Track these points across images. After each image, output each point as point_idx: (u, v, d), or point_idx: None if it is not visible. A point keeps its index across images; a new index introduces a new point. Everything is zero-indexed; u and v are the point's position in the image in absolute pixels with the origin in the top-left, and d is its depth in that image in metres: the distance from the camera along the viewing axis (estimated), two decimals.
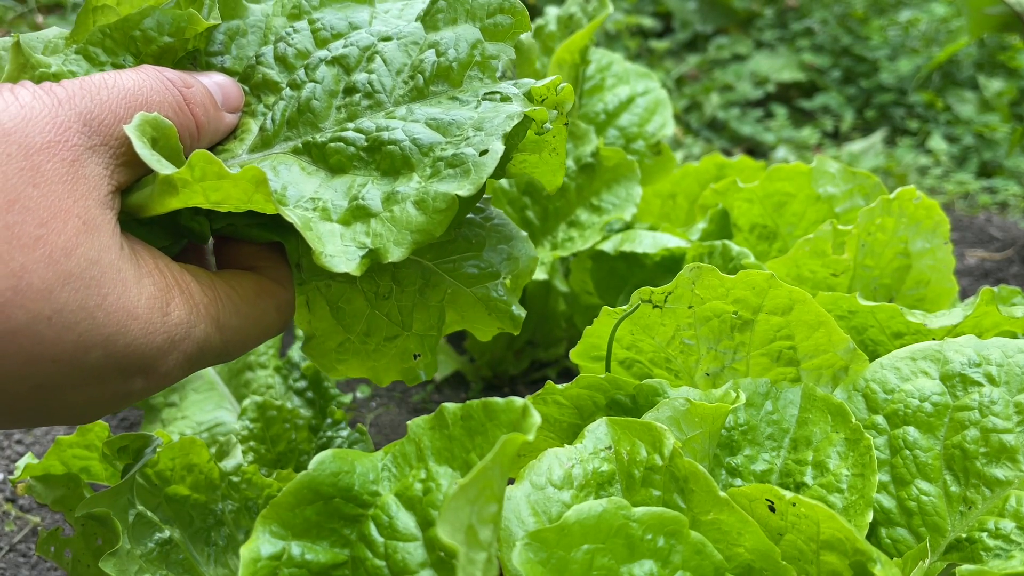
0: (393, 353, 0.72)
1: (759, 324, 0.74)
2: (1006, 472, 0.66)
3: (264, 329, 0.64)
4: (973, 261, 1.96)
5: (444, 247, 0.70)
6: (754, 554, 0.55)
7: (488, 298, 0.70)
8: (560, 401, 0.73)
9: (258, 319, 0.62)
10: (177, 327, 0.54)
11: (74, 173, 0.50)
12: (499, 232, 0.72)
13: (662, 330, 0.77)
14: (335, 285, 0.71)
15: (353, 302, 0.71)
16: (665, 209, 1.45)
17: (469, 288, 0.70)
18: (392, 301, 0.71)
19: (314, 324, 0.72)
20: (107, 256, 0.50)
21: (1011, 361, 0.69)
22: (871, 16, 3.45)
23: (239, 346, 0.61)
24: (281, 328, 0.66)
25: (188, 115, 0.60)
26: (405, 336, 0.71)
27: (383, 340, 0.72)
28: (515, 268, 0.70)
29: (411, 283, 0.70)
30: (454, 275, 0.70)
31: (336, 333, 0.72)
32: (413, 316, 0.71)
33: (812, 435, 0.67)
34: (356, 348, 0.72)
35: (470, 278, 0.70)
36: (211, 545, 0.79)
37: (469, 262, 0.70)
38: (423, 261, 0.70)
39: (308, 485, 0.55)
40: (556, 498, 0.57)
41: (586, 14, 1.28)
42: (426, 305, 0.71)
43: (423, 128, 0.61)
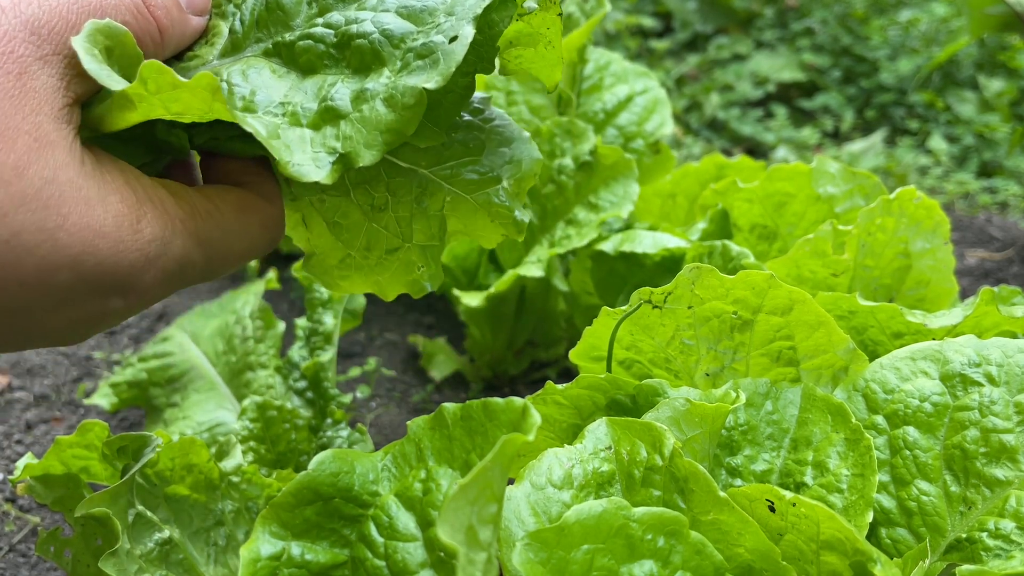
0: (396, 266, 0.70)
1: (759, 324, 0.74)
2: (1006, 472, 0.66)
3: (250, 245, 0.61)
4: (973, 261, 1.96)
5: (440, 152, 0.67)
6: (754, 554, 0.55)
7: (490, 204, 0.67)
8: (560, 401, 0.73)
9: (242, 234, 0.60)
10: (151, 243, 0.52)
11: (22, 87, 0.47)
12: (499, 134, 0.69)
13: (662, 330, 0.76)
14: (328, 199, 0.68)
15: (349, 216, 0.68)
16: (665, 209, 1.45)
17: (469, 195, 0.67)
18: (389, 212, 0.68)
19: (313, 242, 0.69)
20: (64, 174, 0.48)
21: (1011, 361, 0.69)
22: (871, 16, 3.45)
23: (222, 262, 0.59)
24: (268, 245, 0.64)
25: (148, 18, 0.56)
26: (407, 248, 0.69)
27: (384, 253, 0.69)
28: (517, 172, 0.68)
29: (407, 192, 0.68)
30: (452, 182, 0.67)
31: (336, 249, 0.69)
32: (412, 227, 0.68)
33: (812, 435, 0.67)
34: (358, 263, 0.70)
35: (469, 184, 0.67)
36: (211, 545, 0.79)
37: (467, 168, 0.67)
38: (418, 169, 0.67)
39: (308, 485, 0.55)
40: (556, 498, 0.57)
41: (584, 13, 1.29)
42: (425, 214, 0.68)
43: (393, 17, 0.58)
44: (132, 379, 1.20)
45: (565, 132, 1.26)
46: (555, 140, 1.27)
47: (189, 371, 1.19)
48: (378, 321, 1.63)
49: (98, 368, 1.48)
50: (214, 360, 1.19)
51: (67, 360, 1.50)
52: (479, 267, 1.40)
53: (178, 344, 1.22)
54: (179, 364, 1.20)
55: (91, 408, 1.36)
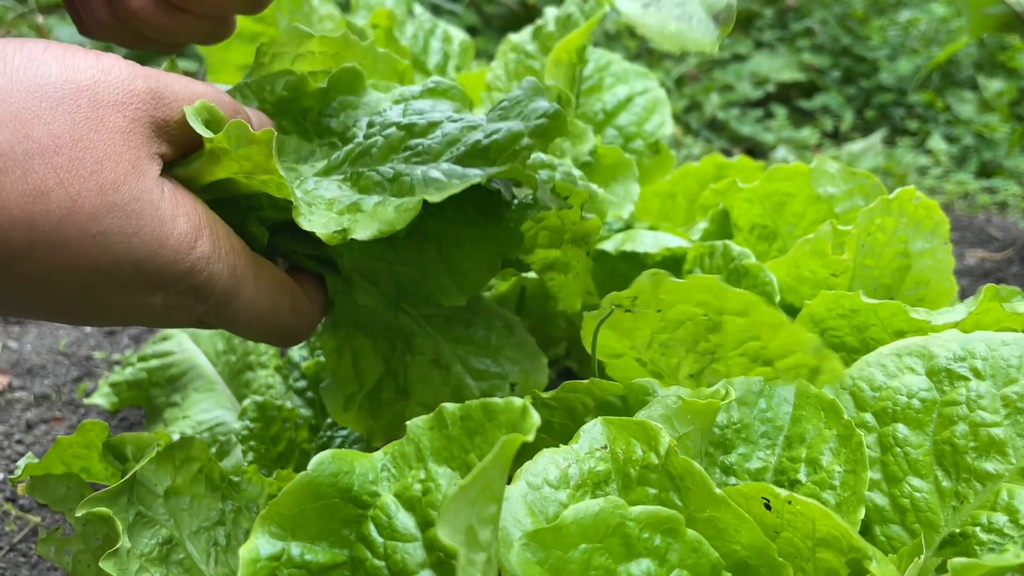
0: (390, 417, 0.78)
1: (727, 325, 0.74)
2: (996, 466, 0.66)
3: (276, 313, 0.70)
4: (973, 261, 1.97)
5: (463, 335, 0.77)
6: (751, 551, 0.55)
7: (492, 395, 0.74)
8: (550, 404, 0.73)
9: (272, 299, 0.69)
10: (199, 259, 0.63)
11: (132, 129, 0.61)
12: (519, 347, 0.79)
13: (639, 333, 0.77)
14: (360, 337, 0.78)
15: (372, 358, 0.78)
16: (665, 209, 1.45)
17: (475, 381, 0.76)
18: (402, 367, 0.77)
19: (336, 369, 0.79)
20: (148, 196, 0.60)
21: (995, 354, 0.69)
22: (871, 16, 3.45)
23: (245, 307, 0.68)
24: (290, 330, 0.72)
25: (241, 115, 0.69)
26: (403, 404, 0.77)
27: (385, 402, 0.78)
28: (525, 380, 0.76)
29: (423, 354, 0.77)
30: (465, 365, 0.77)
31: (351, 383, 0.79)
32: (416, 387, 0.77)
33: (806, 432, 0.67)
34: (362, 403, 0.78)
35: (479, 373, 0.77)
36: (211, 544, 0.79)
37: (482, 359, 0.77)
38: (440, 339, 0.77)
39: (307, 485, 0.55)
40: (553, 498, 0.58)
41: (584, 14, 1.29)
42: (431, 381, 0.76)
43: (437, 172, 0.69)
44: (132, 379, 1.20)
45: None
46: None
47: (189, 371, 1.19)
48: None
49: (98, 368, 1.48)
50: (214, 359, 1.19)
51: (67, 360, 1.50)
52: None
53: (178, 343, 1.23)
54: (179, 364, 1.20)
55: (91, 408, 1.37)
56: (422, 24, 1.64)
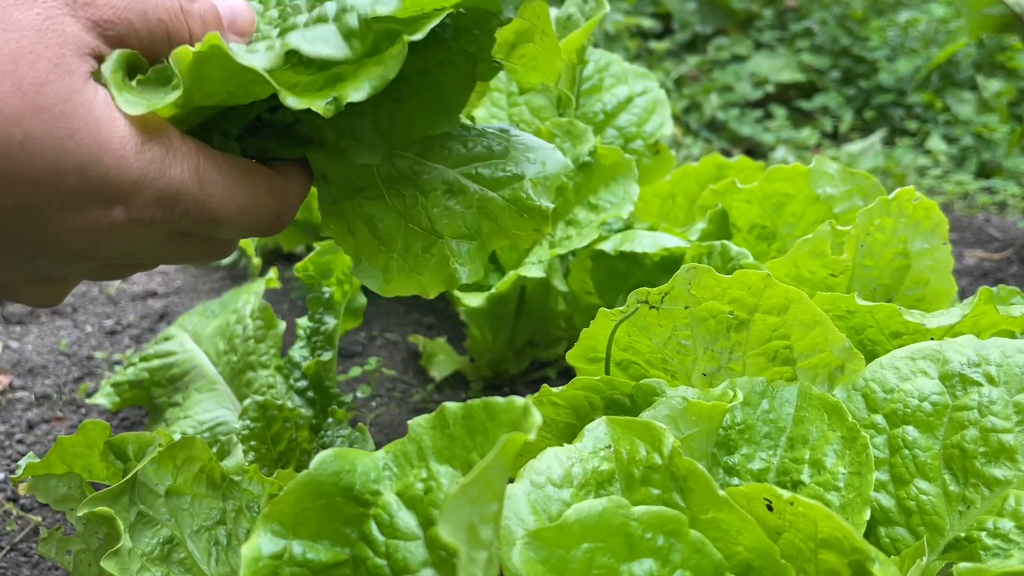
0: (433, 263, 0.74)
1: (755, 324, 0.74)
2: (1005, 472, 0.66)
3: (255, 202, 0.65)
4: (972, 261, 1.97)
5: (464, 154, 0.73)
6: (753, 553, 0.55)
7: (517, 199, 0.72)
8: (556, 402, 0.73)
9: (246, 188, 0.65)
10: (151, 163, 0.58)
11: (47, 26, 0.55)
12: (524, 143, 0.74)
13: (659, 331, 0.77)
14: (367, 203, 0.74)
15: (387, 219, 0.74)
16: (664, 209, 1.45)
17: (496, 192, 0.72)
18: (420, 210, 0.73)
19: (359, 248, 0.75)
20: (79, 97, 0.55)
21: (1010, 361, 0.70)
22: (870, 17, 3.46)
23: (221, 206, 0.63)
24: (273, 215, 0.68)
25: (183, 25, 0.62)
26: (440, 244, 0.73)
27: (421, 251, 0.74)
28: (543, 170, 0.72)
29: (435, 190, 0.73)
30: (478, 180, 0.73)
31: (379, 253, 0.75)
32: (443, 222, 0.73)
33: (809, 434, 0.67)
34: (399, 265, 0.75)
35: (495, 182, 0.72)
36: (212, 544, 0.79)
37: (492, 168, 0.73)
38: (444, 167, 0.73)
39: (309, 484, 0.55)
40: (556, 497, 0.58)
41: (584, 14, 1.29)
42: (453, 211, 0.73)
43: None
44: (133, 379, 1.21)
45: (565, 133, 1.26)
46: (555, 141, 1.27)
47: (190, 371, 1.19)
48: (379, 321, 1.63)
49: (99, 368, 1.48)
50: (215, 359, 1.19)
51: (68, 360, 1.50)
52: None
53: (179, 343, 1.23)
54: (180, 363, 1.20)
55: (92, 408, 1.37)
56: None
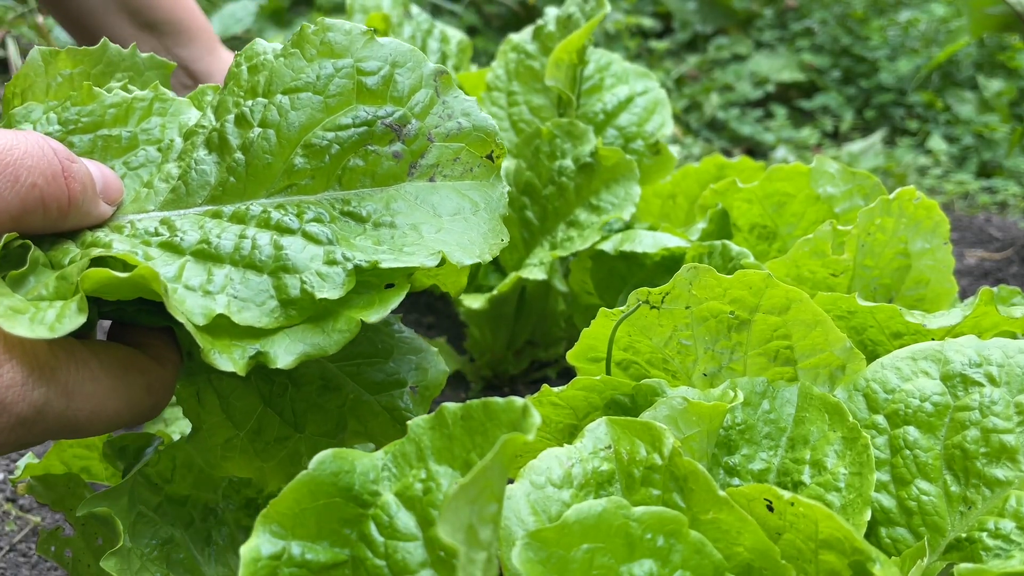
0: (283, 455, 0.70)
1: (756, 324, 0.74)
2: (1006, 472, 0.66)
3: (129, 404, 0.60)
4: (973, 261, 1.97)
5: (348, 351, 0.67)
6: (753, 553, 0.55)
7: (394, 407, 0.68)
8: (556, 402, 0.73)
9: (121, 392, 0.60)
10: (10, 388, 0.53)
11: None
12: (407, 343, 0.71)
13: (660, 331, 0.77)
14: (227, 379, 0.69)
15: (245, 398, 0.69)
16: (665, 209, 1.45)
17: (374, 395, 0.69)
18: (287, 400, 0.69)
19: (203, 417, 0.70)
20: None
21: (1012, 361, 0.69)
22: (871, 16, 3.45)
23: (92, 417, 0.58)
24: (151, 409, 0.63)
25: (62, 187, 0.59)
26: (296, 438, 0.69)
27: (273, 440, 0.70)
28: (423, 379, 0.69)
29: (310, 383, 0.69)
30: (358, 380, 0.69)
31: (224, 428, 0.70)
32: (308, 418, 0.69)
33: (809, 434, 0.67)
34: (244, 446, 0.70)
35: (375, 385, 0.69)
36: (212, 544, 0.79)
37: (375, 368, 0.69)
38: (325, 362, 0.69)
39: (308, 485, 0.55)
40: (556, 497, 0.58)
41: (584, 14, 1.29)
42: (324, 408, 0.69)
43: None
44: None
45: (565, 133, 1.26)
46: (555, 141, 1.27)
47: None
48: None
49: None
50: None
51: None
52: (479, 268, 1.40)
53: None
54: None
55: None
56: (419, 25, 1.64)
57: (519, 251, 1.34)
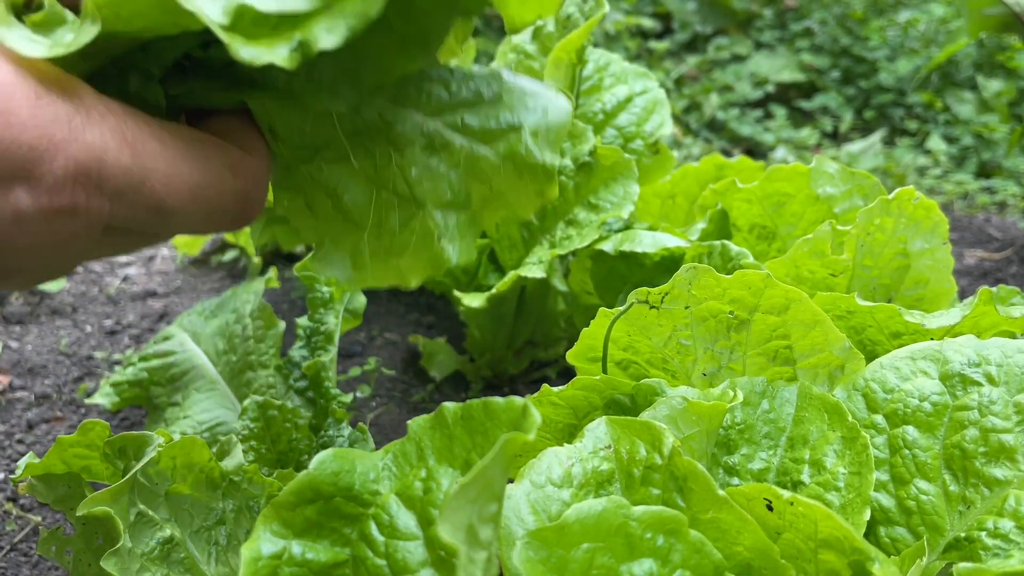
0: (414, 240, 0.60)
1: (755, 324, 0.74)
2: (1005, 472, 0.66)
3: (210, 180, 0.51)
4: (972, 261, 1.97)
5: (446, 99, 0.59)
6: (753, 553, 0.55)
7: (514, 155, 0.58)
8: (556, 402, 0.73)
9: (196, 162, 0.50)
10: (55, 122, 0.44)
11: None
12: (521, 88, 0.60)
13: (659, 331, 0.77)
14: (327, 167, 0.60)
15: (355, 186, 0.60)
16: (664, 209, 1.45)
17: (488, 146, 0.59)
18: (395, 170, 0.59)
19: (320, 228, 0.61)
20: None
21: (1010, 361, 0.69)
22: (870, 17, 3.46)
23: (168, 182, 0.49)
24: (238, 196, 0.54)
25: None
26: (422, 215, 0.59)
27: (398, 227, 0.60)
28: (543, 119, 0.59)
29: (411, 144, 0.59)
30: (464, 132, 0.59)
31: (347, 233, 0.61)
32: (424, 187, 0.59)
33: (809, 434, 0.67)
34: (373, 246, 0.61)
35: (485, 133, 0.59)
36: (212, 544, 0.79)
37: (482, 116, 0.59)
38: (421, 114, 0.59)
39: (309, 484, 0.55)
40: (556, 497, 0.58)
41: (583, 14, 1.29)
42: (437, 172, 0.59)
43: None
44: (133, 378, 1.20)
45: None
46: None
47: (190, 370, 1.19)
48: (378, 321, 1.63)
49: (99, 368, 1.48)
50: (215, 359, 1.19)
51: (68, 360, 1.50)
52: (479, 267, 1.40)
53: (179, 343, 1.23)
54: (180, 363, 1.20)
55: (92, 407, 1.37)
56: None
57: (519, 250, 1.34)
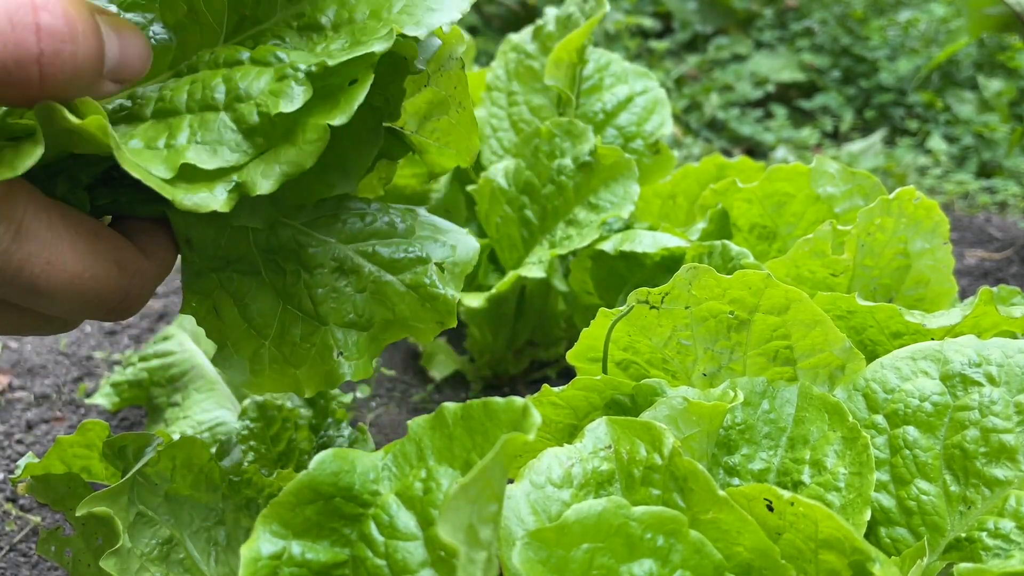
0: (312, 355, 0.64)
1: (756, 324, 0.74)
2: (1006, 472, 0.66)
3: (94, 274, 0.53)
4: (973, 261, 1.97)
5: (363, 230, 0.63)
6: (753, 553, 0.55)
7: (419, 284, 0.62)
8: (556, 403, 0.73)
9: (84, 255, 0.52)
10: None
11: None
12: (433, 225, 0.65)
13: (659, 331, 0.77)
14: (238, 278, 0.63)
15: (261, 298, 0.64)
16: (665, 209, 1.45)
17: (395, 275, 0.63)
18: (302, 289, 0.63)
19: (224, 331, 0.65)
20: None
21: (1011, 361, 0.69)
22: (871, 16, 3.46)
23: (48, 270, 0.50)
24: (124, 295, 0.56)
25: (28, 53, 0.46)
26: (323, 331, 0.63)
27: (299, 340, 0.64)
28: (451, 255, 0.63)
29: (322, 266, 0.63)
30: (375, 259, 0.63)
31: (249, 339, 0.65)
32: (328, 307, 0.63)
33: (809, 434, 0.67)
34: (272, 355, 0.65)
35: (394, 264, 0.63)
36: (212, 544, 0.79)
37: (392, 247, 0.63)
38: (335, 242, 0.63)
39: (308, 484, 0.55)
40: (556, 497, 0.58)
41: (584, 14, 1.29)
42: (343, 294, 0.63)
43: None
44: (133, 378, 1.20)
45: (564, 132, 1.26)
46: (554, 140, 1.27)
47: (190, 370, 1.19)
48: None
49: (99, 368, 1.48)
50: None
51: (68, 360, 1.50)
52: (479, 267, 1.40)
53: (179, 343, 1.23)
54: (180, 363, 1.20)
55: (92, 408, 1.37)
56: None
57: (519, 250, 1.34)
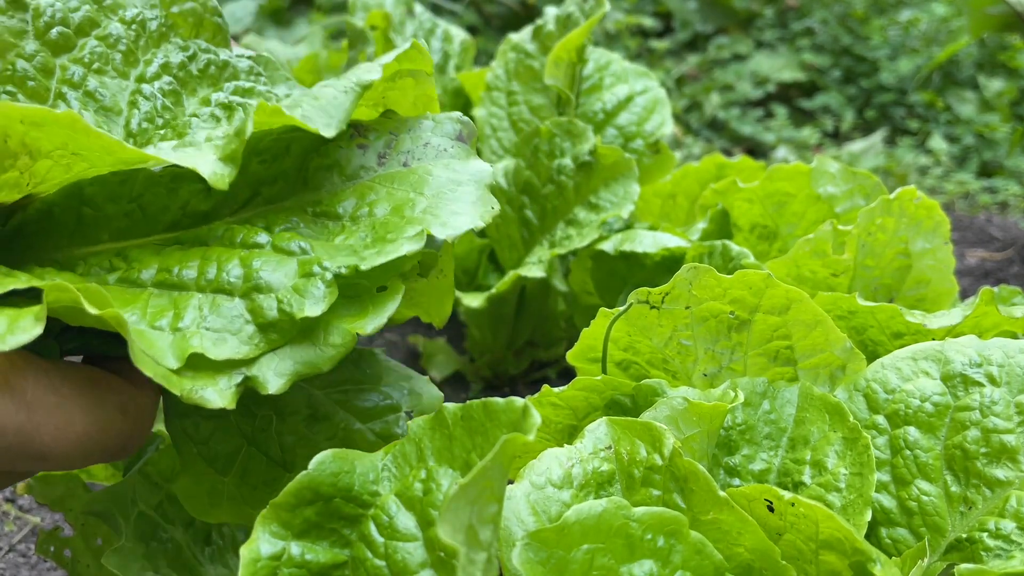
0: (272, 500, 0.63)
1: (756, 324, 0.74)
2: (1007, 472, 0.66)
3: (101, 426, 0.52)
4: (973, 261, 1.97)
5: (336, 377, 0.63)
6: (754, 554, 0.55)
7: (389, 434, 0.63)
8: (556, 403, 0.73)
9: (89, 409, 0.52)
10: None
11: None
12: (397, 371, 0.66)
13: (660, 331, 0.77)
14: (203, 423, 0.63)
15: (227, 441, 0.63)
16: (665, 209, 1.45)
17: (365, 424, 0.63)
18: (272, 435, 0.63)
19: (186, 464, 0.64)
20: None
21: (1012, 361, 0.69)
22: (871, 16, 3.45)
23: (59, 435, 0.50)
24: (130, 435, 0.55)
25: None
26: (287, 479, 0.61)
27: (261, 483, 0.63)
28: (418, 403, 0.64)
29: (296, 413, 0.63)
30: (347, 408, 0.63)
31: (208, 476, 0.63)
32: (296, 453, 0.63)
33: (810, 434, 0.67)
34: (231, 493, 0.63)
35: (366, 412, 0.63)
36: (211, 544, 0.79)
37: (365, 394, 0.64)
38: (311, 389, 0.63)
39: (308, 485, 0.55)
40: (556, 498, 0.57)
41: (583, 13, 1.29)
42: (313, 441, 0.63)
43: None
44: None
45: (564, 132, 1.26)
46: (554, 140, 1.27)
47: None
48: None
49: None
50: None
51: None
52: (479, 267, 1.40)
53: None
54: None
55: None
56: (422, 24, 1.64)
57: (519, 250, 1.34)
